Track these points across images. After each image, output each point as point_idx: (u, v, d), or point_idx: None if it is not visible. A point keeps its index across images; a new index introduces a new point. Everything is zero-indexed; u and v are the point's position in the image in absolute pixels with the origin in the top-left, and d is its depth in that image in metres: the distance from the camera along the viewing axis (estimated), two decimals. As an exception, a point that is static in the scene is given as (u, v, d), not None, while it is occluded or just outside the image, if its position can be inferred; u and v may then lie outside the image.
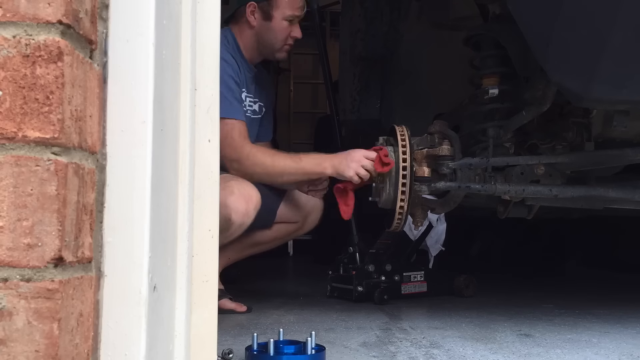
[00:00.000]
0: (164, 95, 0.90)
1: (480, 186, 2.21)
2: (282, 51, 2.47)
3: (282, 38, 2.43)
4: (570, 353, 1.86)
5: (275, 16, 2.39)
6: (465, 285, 2.99)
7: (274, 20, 2.39)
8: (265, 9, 2.39)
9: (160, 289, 0.88)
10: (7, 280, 0.70)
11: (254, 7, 2.39)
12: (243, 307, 2.30)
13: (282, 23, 2.40)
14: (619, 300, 3.06)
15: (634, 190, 2.24)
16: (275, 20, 2.39)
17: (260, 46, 2.44)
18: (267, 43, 2.43)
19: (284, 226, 2.63)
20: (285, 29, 2.41)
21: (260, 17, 2.39)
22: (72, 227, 0.74)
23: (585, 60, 1.78)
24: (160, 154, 0.88)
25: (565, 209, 2.58)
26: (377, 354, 1.81)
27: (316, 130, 4.92)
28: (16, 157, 0.70)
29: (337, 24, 4.89)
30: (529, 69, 2.11)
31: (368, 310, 2.57)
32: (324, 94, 3.62)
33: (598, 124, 2.24)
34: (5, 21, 0.71)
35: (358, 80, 3.51)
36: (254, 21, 2.39)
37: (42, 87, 0.71)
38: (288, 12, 2.39)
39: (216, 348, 1.04)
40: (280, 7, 2.38)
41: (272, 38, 2.42)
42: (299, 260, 4.40)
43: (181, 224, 0.99)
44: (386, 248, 2.99)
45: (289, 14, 2.39)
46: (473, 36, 2.34)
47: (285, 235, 2.67)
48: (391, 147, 2.26)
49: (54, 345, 0.70)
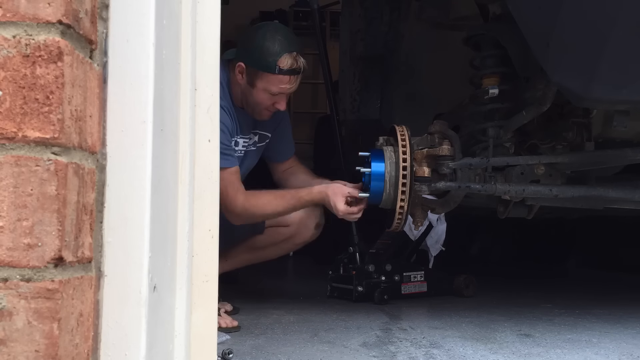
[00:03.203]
0: (164, 95, 0.90)
1: (480, 186, 2.21)
2: (261, 115, 2.42)
3: (262, 107, 2.37)
4: (570, 353, 1.86)
5: (257, 86, 2.31)
6: (465, 285, 2.99)
7: (255, 88, 2.32)
8: (250, 74, 2.32)
9: (160, 289, 0.88)
10: (7, 280, 0.70)
11: (242, 68, 2.33)
12: (234, 322, 2.20)
13: (264, 94, 2.32)
14: (619, 300, 3.06)
15: (634, 190, 2.23)
16: (257, 89, 2.32)
17: (244, 101, 2.41)
18: (248, 103, 2.40)
19: (276, 230, 2.61)
20: (266, 99, 2.34)
21: (245, 79, 2.34)
22: (72, 227, 0.74)
23: (585, 60, 1.78)
24: (160, 154, 0.88)
25: (565, 209, 2.58)
26: (377, 354, 1.81)
27: (316, 130, 4.91)
28: (16, 157, 0.70)
29: (337, 24, 4.89)
30: (529, 69, 2.11)
31: (368, 310, 2.57)
32: (324, 94, 3.62)
33: (598, 124, 2.24)
34: (5, 21, 0.71)
35: (358, 80, 3.51)
36: (240, 80, 2.35)
37: (42, 87, 0.71)
38: (271, 88, 2.30)
39: (216, 348, 1.04)
40: (264, 80, 2.29)
41: (252, 102, 2.37)
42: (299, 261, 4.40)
43: (181, 224, 0.99)
44: (386, 248, 2.99)
45: (272, 90, 2.31)
46: (473, 36, 2.34)
47: (281, 241, 2.63)
48: (391, 147, 2.26)
49: (54, 345, 0.70)
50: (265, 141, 2.60)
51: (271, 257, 2.73)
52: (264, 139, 2.60)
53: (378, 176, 2.24)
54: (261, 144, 2.59)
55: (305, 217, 2.57)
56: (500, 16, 2.24)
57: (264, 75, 2.29)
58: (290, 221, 2.58)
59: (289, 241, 2.64)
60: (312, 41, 3.25)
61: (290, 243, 2.66)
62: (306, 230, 2.60)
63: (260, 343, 1.93)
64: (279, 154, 2.66)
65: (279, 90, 2.31)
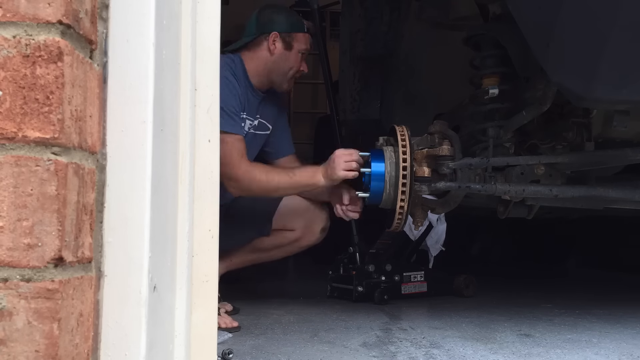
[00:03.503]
0: (164, 95, 0.90)
1: (480, 186, 2.21)
2: (289, 82, 2.64)
3: (296, 69, 2.60)
4: (570, 353, 1.86)
5: (294, 47, 2.58)
6: (465, 285, 2.99)
7: (293, 50, 2.57)
8: (287, 39, 2.57)
9: (160, 289, 0.88)
10: (7, 280, 0.70)
11: (276, 36, 2.56)
12: (234, 323, 2.19)
13: (298, 55, 2.59)
14: (619, 300, 3.06)
15: (634, 190, 2.23)
16: (293, 52, 2.58)
17: (272, 74, 2.58)
18: (280, 71, 2.58)
19: (282, 233, 2.64)
20: (299, 60, 2.59)
21: (281, 46, 2.56)
22: (72, 227, 0.74)
23: (585, 60, 1.78)
24: (160, 154, 0.88)
25: (565, 209, 2.58)
26: (377, 354, 1.81)
27: (316, 130, 4.91)
28: (16, 157, 0.70)
29: (337, 24, 4.89)
30: (529, 69, 2.11)
31: (368, 310, 2.57)
32: (324, 94, 3.62)
33: (598, 124, 2.24)
34: (5, 21, 0.71)
35: (358, 80, 3.50)
36: (274, 49, 2.55)
37: (42, 87, 0.71)
38: (303, 46, 2.60)
39: (216, 348, 1.04)
40: (298, 40, 2.59)
41: (287, 67, 2.58)
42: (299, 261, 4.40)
43: (181, 224, 0.98)
44: (386, 248, 2.99)
45: (304, 48, 2.60)
46: (473, 36, 2.34)
47: (287, 244, 2.66)
48: (391, 147, 2.26)
49: (54, 346, 0.70)
50: (265, 131, 2.65)
51: (275, 258, 2.76)
52: (265, 129, 2.65)
53: (378, 176, 2.24)
54: (260, 132, 2.63)
55: (311, 221, 2.62)
56: (500, 16, 2.23)
57: (298, 36, 2.59)
58: (297, 225, 2.62)
59: (294, 244, 2.67)
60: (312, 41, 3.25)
61: (295, 246, 2.68)
62: (311, 234, 2.64)
63: (260, 343, 1.93)
64: (278, 150, 2.71)
65: (307, 47, 2.62)
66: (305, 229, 2.62)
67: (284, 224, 2.62)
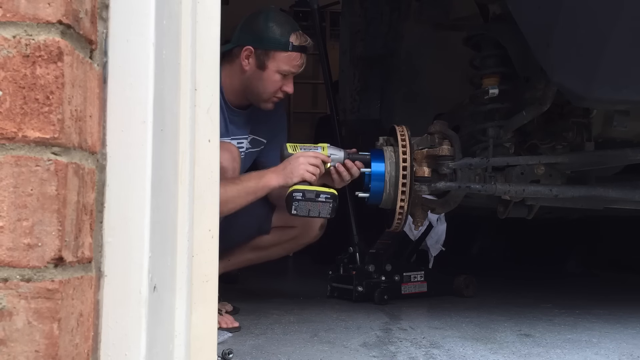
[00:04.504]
0: (164, 95, 0.90)
1: (480, 186, 2.21)
2: (268, 102, 2.37)
3: (271, 90, 2.33)
4: (570, 353, 1.86)
5: (269, 67, 2.29)
6: (465, 285, 2.99)
7: (267, 70, 2.29)
8: (261, 57, 2.29)
9: (160, 289, 0.88)
10: (7, 280, 0.70)
11: (250, 51, 2.30)
12: (235, 323, 2.17)
13: (275, 75, 2.30)
14: (619, 300, 3.06)
15: (634, 190, 2.24)
16: (268, 71, 2.30)
17: (248, 92, 2.37)
18: (254, 91, 2.35)
19: (282, 230, 2.60)
20: (276, 82, 2.31)
21: (254, 63, 2.30)
22: (72, 227, 0.74)
23: (585, 60, 1.78)
24: (160, 154, 0.88)
25: (565, 209, 2.58)
26: (377, 354, 1.81)
27: (316, 131, 4.91)
28: (16, 157, 0.70)
29: (337, 24, 4.89)
30: (529, 69, 2.11)
31: (368, 310, 2.57)
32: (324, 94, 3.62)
33: (598, 124, 2.24)
34: (5, 21, 0.71)
35: (358, 80, 3.50)
36: (246, 65, 2.31)
37: (42, 87, 0.71)
38: (284, 67, 2.29)
39: (216, 348, 1.04)
40: (277, 59, 2.28)
41: (261, 88, 2.33)
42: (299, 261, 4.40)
43: (181, 224, 0.98)
44: (386, 248, 2.99)
45: (285, 69, 2.30)
46: (473, 36, 2.34)
47: (286, 241, 2.62)
48: (391, 147, 2.26)
49: (54, 346, 0.70)
50: (259, 147, 2.56)
51: (274, 257, 2.72)
52: (258, 145, 2.56)
53: (378, 176, 2.24)
54: (254, 150, 2.55)
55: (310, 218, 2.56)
56: (500, 16, 2.24)
57: (277, 55, 2.29)
58: (297, 222, 2.54)
59: (293, 242, 2.62)
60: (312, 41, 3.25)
61: (294, 243, 2.64)
62: (311, 231, 2.59)
63: (260, 343, 1.93)
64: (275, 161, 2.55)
65: (290, 68, 2.31)
66: (304, 226, 2.57)
67: (285, 221, 2.56)
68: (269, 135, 2.57)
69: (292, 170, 2.21)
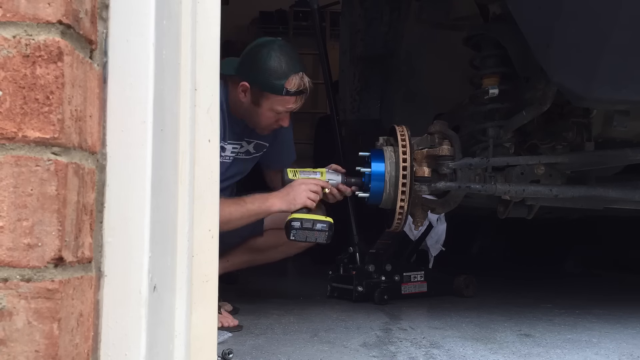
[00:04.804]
0: (164, 95, 0.90)
1: (480, 186, 2.21)
2: (264, 131, 2.43)
3: (266, 125, 2.38)
4: (570, 353, 1.86)
5: (263, 106, 2.31)
6: (465, 285, 2.99)
7: (261, 108, 2.31)
8: (255, 94, 2.30)
9: (160, 289, 0.88)
10: (7, 280, 0.70)
11: (246, 87, 2.30)
12: (234, 321, 2.18)
13: (269, 113, 2.32)
14: (619, 300, 3.06)
15: (634, 190, 2.24)
16: (262, 109, 2.32)
17: (246, 118, 2.40)
18: (251, 121, 2.39)
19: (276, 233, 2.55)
20: (271, 117, 2.34)
21: (249, 98, 2.32)
22: (72, 227, 0.74)
23: (585, 60, 1.79)
24: (160, 154, 0.88)
25: (565, 209, 2.58)
26: (377, 354, 1.81)
27: (316, 131, 4.92)
28: (16, 157, 0.70)
29: (337, 24, 4.89)
30: (529, 69, 2.11)
31: (368, 310, 2.57)
32: (324, 94, 3.62)
33: (598, 124, 2.24)
34: (5, 21, 0.71)
35: (358, 80, 3.50)
36: (243, 98, 2.33)
37: (42, 87, 0.71)
38: (277, 108, 2.31)
39: (216, 348, 1.04)
40: (271, 100, 2.29)
41: (256, 120, 2.37)
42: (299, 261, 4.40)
43: (181, 224, 0.98)
44: (386, 248, 2.99)
45: (278, 110, 2.31)
46: (473, 36, 2.34)
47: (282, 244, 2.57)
48: (391, 147, 2.26)
49: (54, 346, 0.70)
50: (262, 150, 2.58)
51: (272, 259, 2.71)
52: (261, 149, 2.57)
53: (378, 176, 2.24)
54: (257, 154, 2.57)
55: None
56: (500, 16, 2.24)
57: (271, 96, 2.29)
58: None
59: (290, 245, 2.57)
60: (312, 41, 3.25)
61: (291, 247, 2.60)
62: None
63: (260, 343, 1.93)
64: (278, 163, 2.61)
65: (284, 109, 2.33)
66: None
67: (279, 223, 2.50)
68: (272, 138, 2.58)
69: (294, 197, 2.27)
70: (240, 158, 2.52)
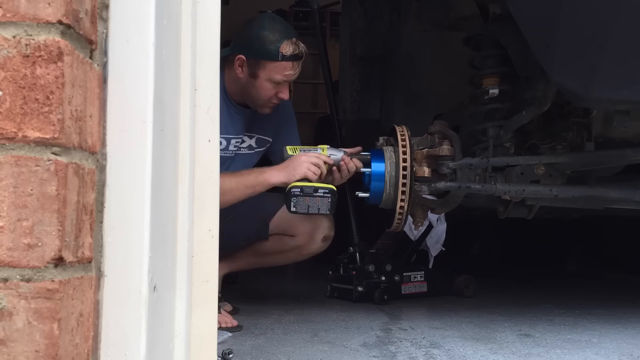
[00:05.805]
0: (164, 95, 0.90)
1: (480, 186, 2.21)
2: (264, 107, 2.39)
3: (265, 98, 2.34)
4: (570, 353, 1.86)
5: (260, 76, 2.29)
6: (465, 285, 2.99)
7: (259, 79, 2.30)
8: (252, 66, 2.29)
9: (160, 289, 0.88)
10: (7, 280, 0.70)
11: (242, 61, 2.30)
12: (234, 322, 2.17)
13: (267, 84, 2.30)
14: (619, 300, 3.06)
15: (634, 190, 2.24)
16: (260, 80, 2.30)
17: (245, 97, 2.39)
18: (250, 97, 2.37)
19: (282, 239, 2.56)
20: (269, 89, 2.31)
21: (246, 72, 2.31)
22: (72, 227, 0.74)
23: (585, 60, 1.78)
24: (160, 154, 0.88)
25: (565, 209, 2.58)
26: (377, 354, 1.81)
27: (316, 131, 4.92)
28: (16, 157, 0.70)
29: (337, 24, 4.89)
30: (529, 69, 2.11)
31: (368, 310, 2.57)
32: (324, 94, 3.62)
33: (598, 124, 2.24)
34: (5, 21, 0.71)
35: (358, 80, 3.51)
36: (240, 73, 2.32)
37: (42, 87, 0.71)
38: (275, 76, 2.28)
39: (216, 348, 1.04)
40: (268, 69, 2.28)
41: (255, 95, 2.34)
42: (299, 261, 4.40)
43: (181, 224, 0.99)
44: (386, 248, 2.99)
45: (276, 78, 2.29)
46: (473, 36, 2.34)
47: (288, 250, 2.58)
48: (391, 147, 2.26)
49: (54, 346, 0.70)
50: (265, 146, 2.57)
51: (279, 263, 2.71)
52: (264, 144, 2.56)
53: (378, 176, 2.24)
54: (260, 149, 2.56)
55: (313, 228, 2.52)
56: (500, 16, 2.24)
57: (267, 64, 2.28)
58: (297, 231, 2.53)
59: (296, 251, 2.58)
60: (312, 41, 3.25)
61: (296, 253, 2.59)
62: (313, 243, 2.55)
63: (260, 343, 1.93)
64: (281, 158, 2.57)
65: (282, 77, 2.30)
66: (306, 236, 2.53)
67: (285, 229, 2.54)
68: (275, 132, 2.57)
69: (294, 167, 2.21)
70: (243, 153, 2.52)
